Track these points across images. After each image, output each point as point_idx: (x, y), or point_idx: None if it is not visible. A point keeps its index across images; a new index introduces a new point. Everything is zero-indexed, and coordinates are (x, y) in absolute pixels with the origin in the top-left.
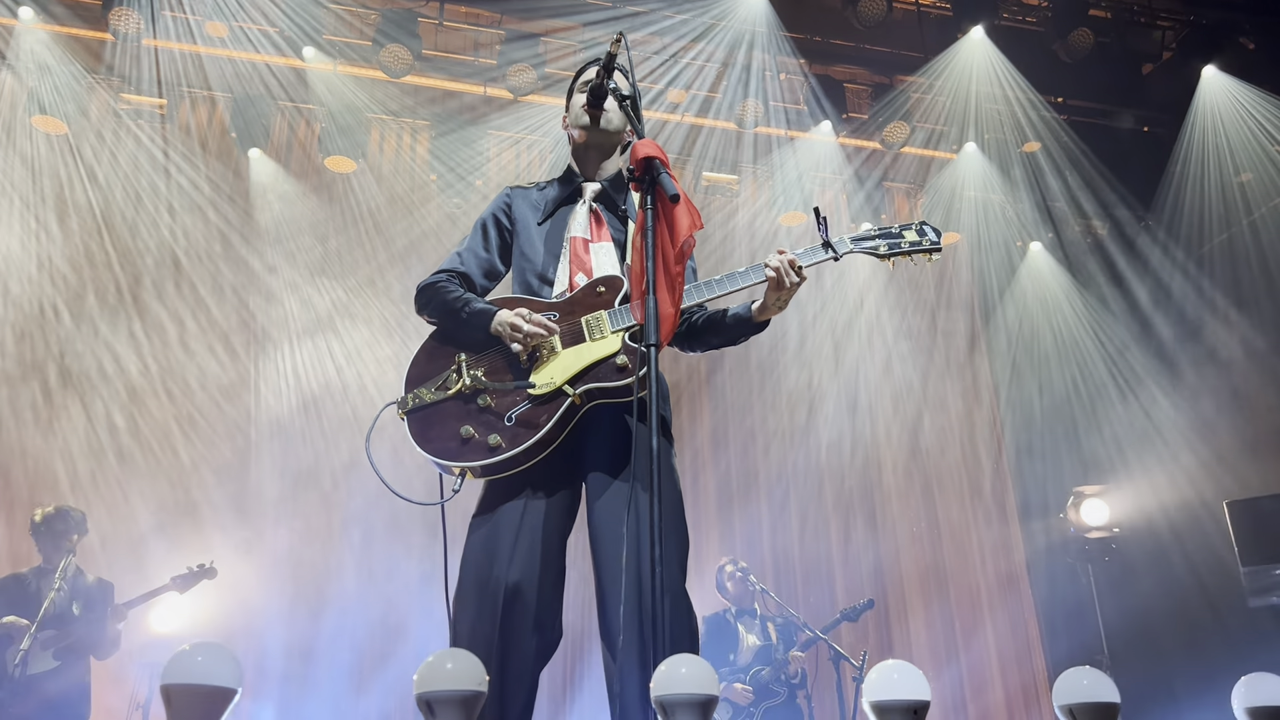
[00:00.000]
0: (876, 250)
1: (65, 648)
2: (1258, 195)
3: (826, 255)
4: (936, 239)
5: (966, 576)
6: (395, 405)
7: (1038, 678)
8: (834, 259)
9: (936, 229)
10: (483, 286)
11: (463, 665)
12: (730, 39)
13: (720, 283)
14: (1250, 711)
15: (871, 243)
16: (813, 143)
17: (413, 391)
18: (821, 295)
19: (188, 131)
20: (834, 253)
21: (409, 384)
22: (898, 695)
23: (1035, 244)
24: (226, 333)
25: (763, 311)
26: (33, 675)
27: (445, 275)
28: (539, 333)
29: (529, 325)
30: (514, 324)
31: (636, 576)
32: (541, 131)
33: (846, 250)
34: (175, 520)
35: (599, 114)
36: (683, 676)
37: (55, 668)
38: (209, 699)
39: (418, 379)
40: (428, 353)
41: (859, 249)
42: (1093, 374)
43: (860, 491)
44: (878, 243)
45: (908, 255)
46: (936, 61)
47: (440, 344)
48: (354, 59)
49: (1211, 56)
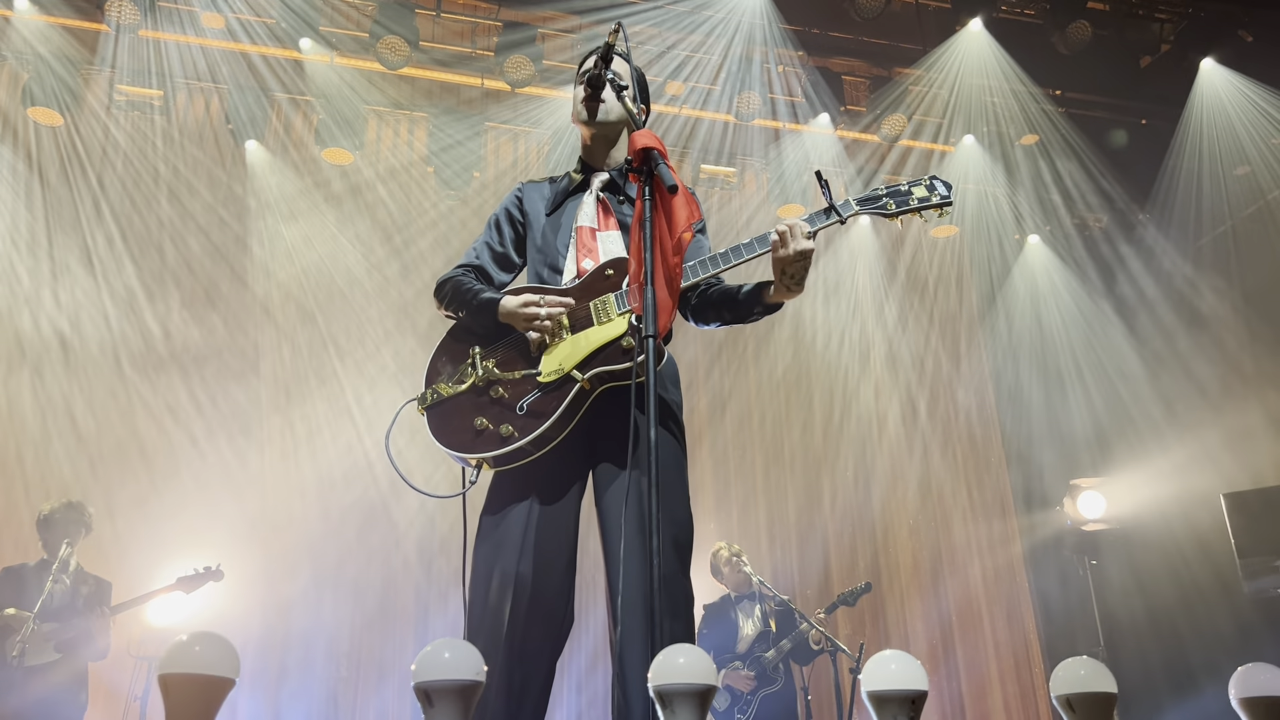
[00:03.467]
0: (885, 209)
1: (66, 640)
2: (1256, 188)
3: (831, 219)
4: (947, 193)
5: (964, 568)
6: (415, 402)
7: (1034, 669)
8: (840, 222)
9: (947, 182)
10: (499, 280)
11: (460, 654)
12: (728, 31)
13: (725, 256)
14: (1245, 702)
15: (879, 202)
16: (811, 135)
17: (431, 387)
18: (814, 280)
19: (184, 123)
20: (839, 215)
21: (429, 380)
22: (896, 685)
23: (1033, 237)
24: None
25: (776, 292)
26: (32, 667)
27: (461, 270)
28: (555, 313)
29: (542, 309)
30: (528, 312)
31: (636, 566)
32: (540, 124)
33: (852, 213)
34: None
35: (597, 105)
36: (681, 666)
37: (56, 660)
38: (207, 688)
39: (436, 374)
40: (445, 348)
41: (865, 210)
42: (1090, 366)
43: (857, 484)
44: (886, 201)
45: (917, 212)
46: (935, 54)
47: (457, 339)
48: (351, 50)
49: (1210, 49)
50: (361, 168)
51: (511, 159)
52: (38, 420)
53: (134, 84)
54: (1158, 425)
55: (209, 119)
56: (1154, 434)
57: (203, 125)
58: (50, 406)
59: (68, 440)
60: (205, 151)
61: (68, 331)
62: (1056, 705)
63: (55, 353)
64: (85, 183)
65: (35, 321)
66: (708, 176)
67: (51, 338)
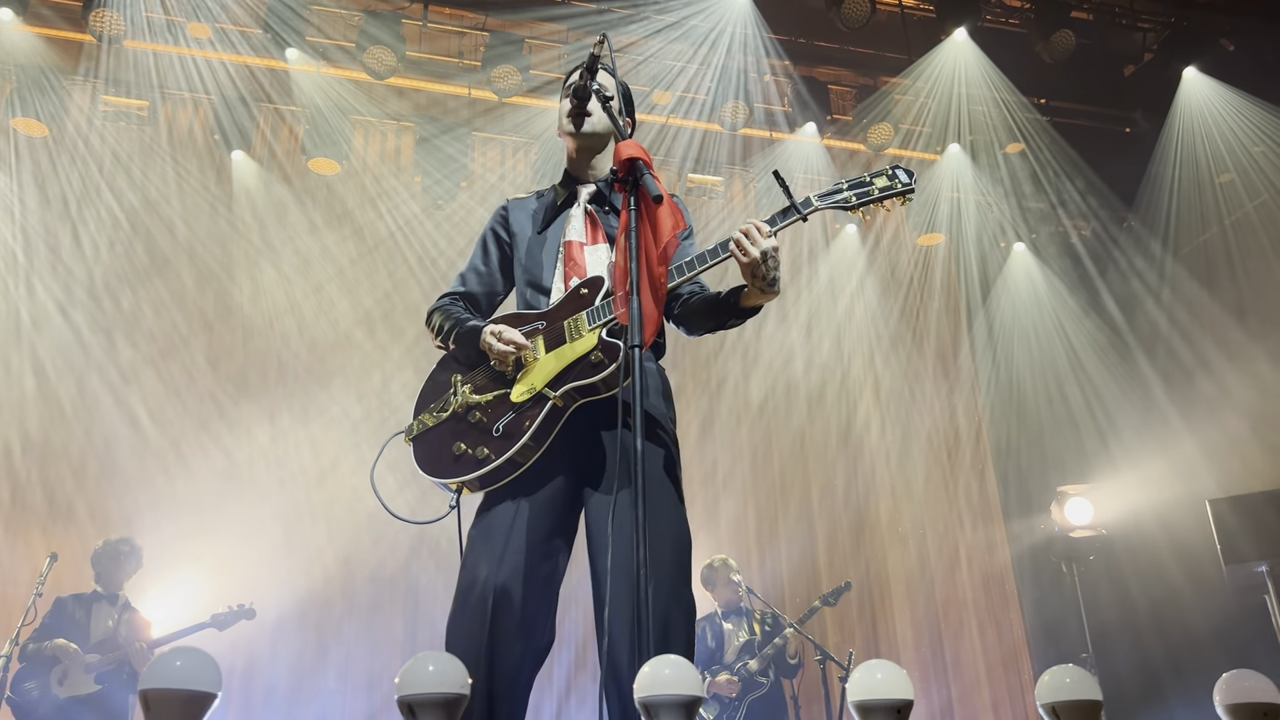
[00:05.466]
0: (847, 203)
1: (109, 672)
2: (1238, 196)
3: (792, 217)
4: (909, 180)
5: (952, 575)
6: (402, 434)
7: (1023, 676)
8: (802, 220)
9: (908, 170)
10: (488, 304)
11: (445, 668)
12: (714, 41)
13: (691, 264)
14: (1230, 708)
15: (840, 196)
16: (797, 144)
17: (418, 418)
18: (802, 289)
19: (170, 134)
20: (799, 212)
21: (417, 411)
22: (881, 695)
23: (1018, 244)
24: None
25: (750, 296)
26: (72, 698)
27: (449, 299)
28: (508, 351)
29: (499, 345)
30: (488, 344)
31: (624, 583)
32: (526, 134)
33: (812, 209)
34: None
35: (582, 117)
36: (666, 678)
37: (96, 692)
38: (189, 704)
39: (423, 406)
40: (433, 378)
41: (826, 204)
42: (1075, 373)
43: (843, 491)
44: (847, 195)
45: (879, 203)
46: (920, 63)
47: (444, 368)
48: (338, 61)
49: (1192, 58)
50: (347, 177)
51: (499, 170)
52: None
53: (119, 94)
54: (1143, 431)
55: (195, 129)
56: (1140, 440)
57: (189, 136)
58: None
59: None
60: (191, 162)
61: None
62: (1042, 713)
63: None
64: (71, 193)
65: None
66: (694, 186)
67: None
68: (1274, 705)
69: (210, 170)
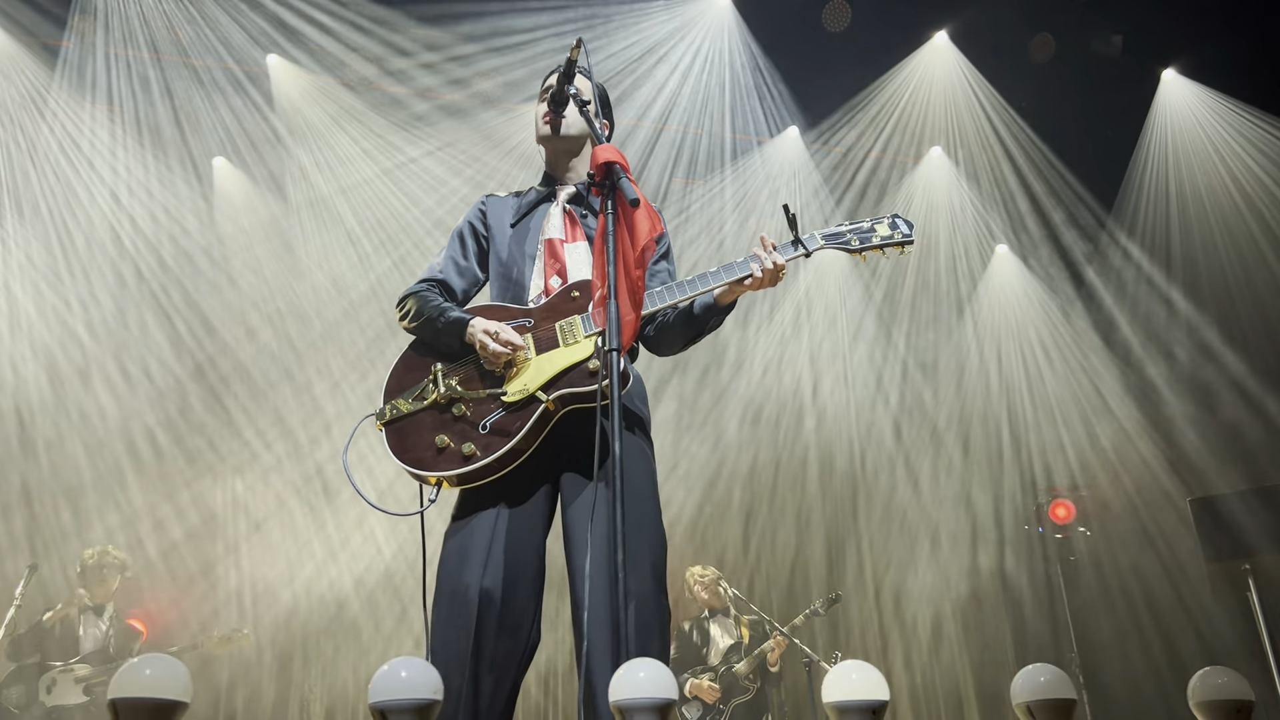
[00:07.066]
0: (848, 245)
1: (97, 684)
2: (1218, 197)
3: (798, 252)
4: (909, 231)
5: (938, 578)
6: (374, 417)
7: (1008, 677)
8: (805, 255)
9: (909, 221)
10: (463, 294)
11: (417, 674)
12: (695, 44)
13: (692, 284)
14: (1203, 705)
15: (843, 238)
16: (778, 148)
17: (390, 403)
18: (786, 292)
19: (147, 139)
20: (804, 249)
21: (387, 395)
22: (856, 696)
23: (1001, 247)
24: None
25: (730, 291)
26: (58, 707)
27: (425, 285)
28: (504, 353)
29: (495, 345)
30: (482, 343)
31: (602, 583)
32: (508, 137)
33: (817, 247)
34: None
35: (559, 120)
36: (640, 680)
37: (83, 703)
38: (158, 713)
39: (396, 390)
40: (405, 363)
41: (830, 245)
42: (1058, 374)
43: (832, 494)
44: (849, 238)
45: (879, 249)
46: (901, 67)
47: (418, 354)
48: (318, 64)
49: (1170, 60)
50: (327, 180)
51: (483, 171)
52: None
53: (95, 100)
54: (1126, 432)
55: (175, 135)
56: (1123, 441)
57: (168, 141)
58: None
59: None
60: (170, 168)
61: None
62: (1018, 713)
63: None
64: (49, 201)
65: None
66: (675, 189)
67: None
68: (1246, 702)
69: (189, 175)
